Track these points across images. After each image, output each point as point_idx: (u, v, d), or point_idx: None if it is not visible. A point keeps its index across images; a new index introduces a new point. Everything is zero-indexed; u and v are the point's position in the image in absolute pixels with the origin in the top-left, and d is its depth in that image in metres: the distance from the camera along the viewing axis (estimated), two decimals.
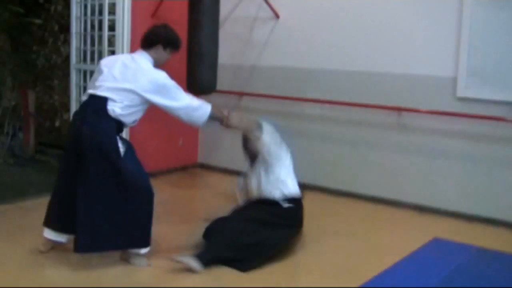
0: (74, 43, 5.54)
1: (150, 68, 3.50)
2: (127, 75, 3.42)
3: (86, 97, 3.50)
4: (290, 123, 5.80)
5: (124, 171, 3.33)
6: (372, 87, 5.28)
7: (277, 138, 4.02)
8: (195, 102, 3.57)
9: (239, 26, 6.12)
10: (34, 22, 6.65)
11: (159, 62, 3.60)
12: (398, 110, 5.10)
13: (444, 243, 4.22)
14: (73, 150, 3.39)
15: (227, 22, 6.11)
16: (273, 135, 4.01)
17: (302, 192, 3.99)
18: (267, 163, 3.89)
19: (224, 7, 5.68)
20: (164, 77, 3.47)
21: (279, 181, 3.86)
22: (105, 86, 3.40)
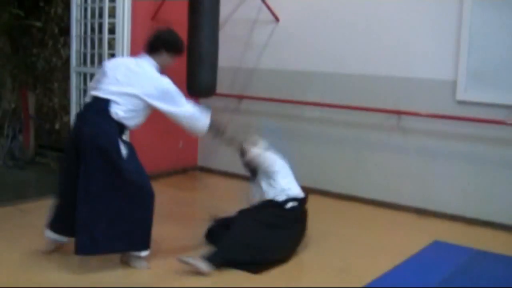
0: (74, 46, 5.54)
1: (155, 74, 3.51)
2: (131, 80, 3.43)
3: (89, 99, 3.52)
4: (289, 126, 5.82)
5: (125, 172, 3.33)
6: (372, 90, 5.28)
7: (270, 149, 4.08)
8: (198, 112, 3.60)
9: (239, 28, 6.13)
10: (34, 24, 6.65)
11: (162, 67, 3.61)
12: (398, 113, 5.11)
13: (444, 246, 4.22)
14: (73, 151, 3.39)
15: (227, 25, 6.12)
16: (266, 147, 4.07)
17: (306, 194, 4.03)
18: (268, 175, 3.93)
19: (224, 9, 5.69)
20: (168, 83, 3.49)
21: (283, 190, 3.89)
22: (109, 89, 3.41)
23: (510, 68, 4.59)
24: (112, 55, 5.18)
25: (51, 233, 3.61)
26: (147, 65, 3.53)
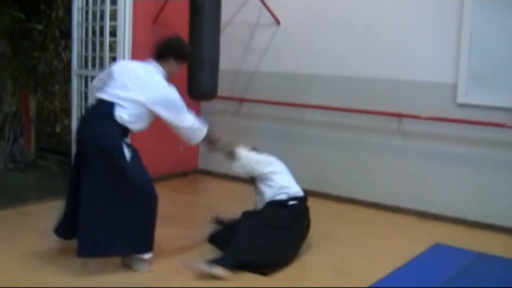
0: (75, 49, 5.54)
1: (163, 83, 3.54)
2: (139, 87, 3.45)
3: (94, 100, 3.53)
4: (290, 128, 5.82)
5: (128, 174, 3.34)
6: (373, 93, 5.29)
7: (264, 153, 4.11)
8: (196, 123, 3.65)
9: (240, 31, 6.14)
10: (35, 27, 6.66)
11: (169, 74, 3.64)
12: (399, 116, 5.11)
13: (445, 248, 4.22)
14: (77, 153, 3.42)
15: (228, 27, 6.13)
16: (258, 152, 4.10)
17: (306, 193, 4.04)
18: (265, 176, 3.94)
19: (225, 12, 5.70)
20: (175, 94, 3.53)
21: (282, 187, 3.91)
22: (116, 93, 3.43)
23: (511, 70, 4.60)
24: (114, 58, 5.17)
25: (57, 238, 3.64)
26: (155, 72, 3.55)
